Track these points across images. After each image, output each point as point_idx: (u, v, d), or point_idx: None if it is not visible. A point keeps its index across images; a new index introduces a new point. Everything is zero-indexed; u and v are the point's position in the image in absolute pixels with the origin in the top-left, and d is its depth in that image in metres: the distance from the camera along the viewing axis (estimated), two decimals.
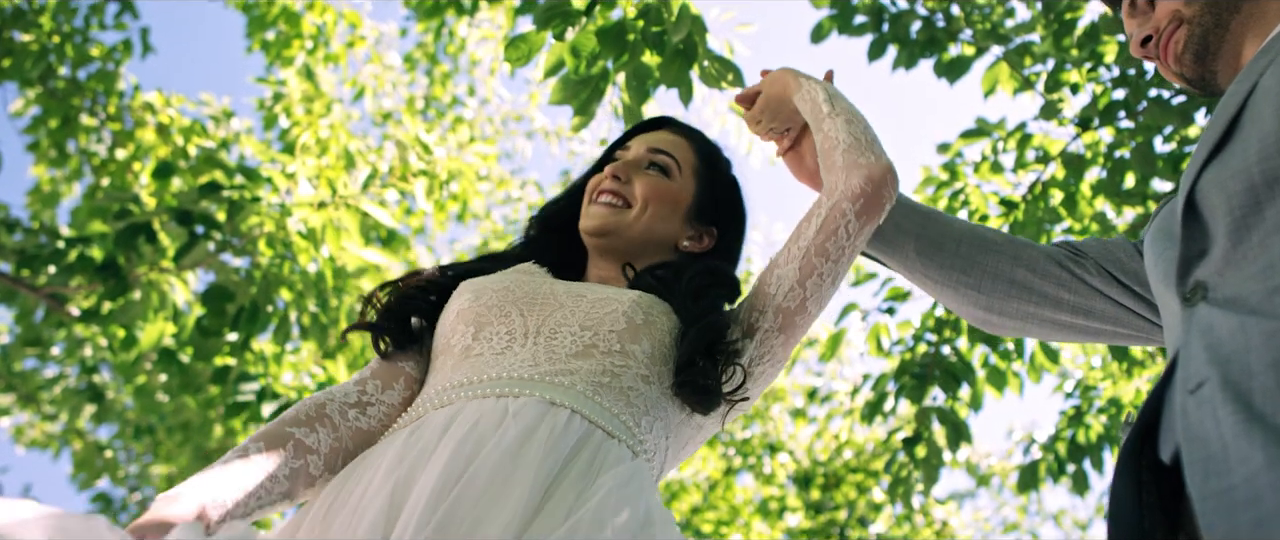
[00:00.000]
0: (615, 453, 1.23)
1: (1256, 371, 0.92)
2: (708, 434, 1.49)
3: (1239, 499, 0.87)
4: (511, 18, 6.21)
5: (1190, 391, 0.97)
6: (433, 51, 7.15)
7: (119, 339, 4.50)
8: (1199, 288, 1.05)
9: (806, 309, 1.42)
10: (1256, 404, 0.89)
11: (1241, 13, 1.27)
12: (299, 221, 3.82)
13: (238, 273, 4.00)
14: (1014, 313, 1.56)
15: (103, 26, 5.49)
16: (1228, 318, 0.98)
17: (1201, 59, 1.30)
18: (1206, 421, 0.93)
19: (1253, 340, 0.94)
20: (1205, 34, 1.29)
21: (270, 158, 4.45)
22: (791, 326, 1.43)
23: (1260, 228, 1.01)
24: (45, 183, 5.98)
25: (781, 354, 1.45)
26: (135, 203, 3.99)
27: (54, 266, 4.09)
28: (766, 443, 8.89)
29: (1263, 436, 0.87)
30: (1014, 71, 3.63)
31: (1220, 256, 1.05)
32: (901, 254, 1.61)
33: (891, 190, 1.47)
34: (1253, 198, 1.02)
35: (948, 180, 3.76)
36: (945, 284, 1.59)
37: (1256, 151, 1.03)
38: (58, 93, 5.37)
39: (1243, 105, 1.10)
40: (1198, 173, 1.10)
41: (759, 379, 1.45)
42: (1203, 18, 1.29)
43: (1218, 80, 1.32)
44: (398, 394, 1.42)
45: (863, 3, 3.75)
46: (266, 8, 5.81)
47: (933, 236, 1.59)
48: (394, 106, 7.20)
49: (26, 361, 6.62)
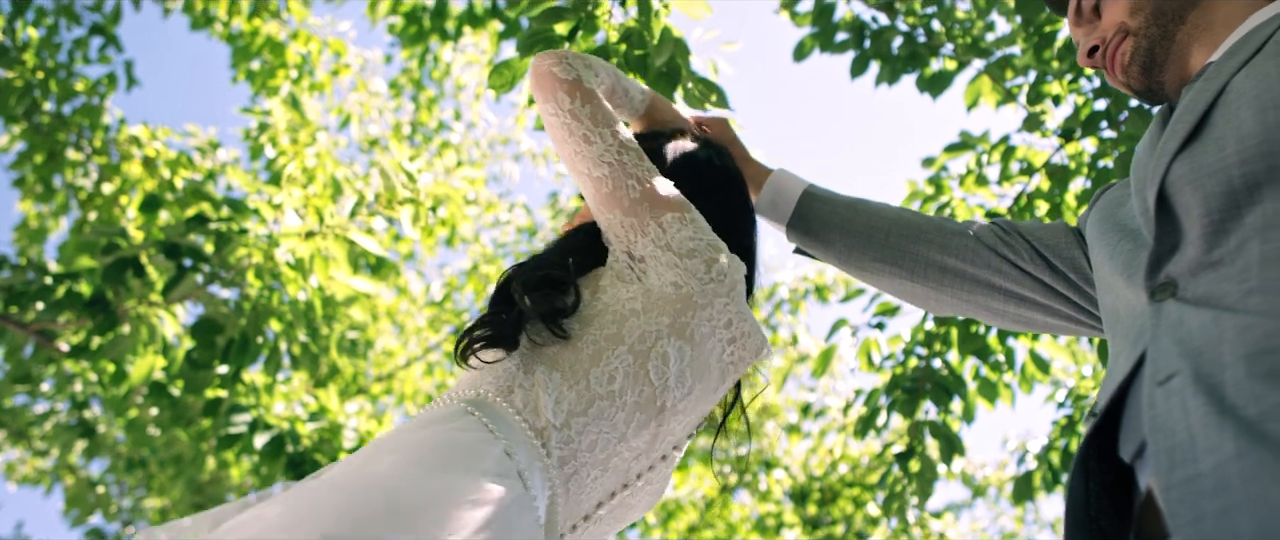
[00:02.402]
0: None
1: (1228, 363, 0.92)
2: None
3: (1205, 488, 0.87)
4: (495, 42, 6.23)
5: (1159, 383, 0.97)
6: (418, 77, 7.16)
7: (109, 374, 4.47)
8: (1169, 284, 1.05)
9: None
10: (1228, 396, 0.90)
11: (1187, 23, 1.27)
12: (287, 252, 3.82)
13: (227, 305, 3.98)
14: (950, 298, 1.56)
15: (87, 60, 5.49)
16: (1199, 313, 0.98)
17: (1148, 70, 1.31)
18: (1174, 412, 0.93)
19: (1225, 333, 0.94)
20: (1151, 46, 1.29)
21: (257, 189, 4.44)
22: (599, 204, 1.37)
23: (1238, 232, 1.01)
24: (32, 218, 5.97)
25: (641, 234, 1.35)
26: (122, 237, 3.98)
27: (42, 303, 4.07)
28: (762, 459, 8.89)
29: (1234, 427, 0.87)
30: (996, 85, 3.65)
31: (1194, 256, 1.04)
32: (830, 247, 1.62)
33: (542, 66, 1.43)
34: (1232, 201, 1.02)
35: (933, 194, 3.77)
36: (879, 274, 1.60)
37: (1235, 154, 1.03)
38: (43, 128, 5.37)
39: (1212, 104, 1.10)
40: (1166, 169, 1.10)
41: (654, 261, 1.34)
42: (1149, 29, 1.29)
43: (1165, 91, 1.32)
44: None
45: (844, 20, 3.77)
46: (251, 38, 5.82)
47: (860, 228, 1.59)
48: (381, 133, 7.20)
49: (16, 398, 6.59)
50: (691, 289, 1.29)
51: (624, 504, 1.29)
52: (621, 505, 1.29)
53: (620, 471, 1.24)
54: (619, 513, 1.29)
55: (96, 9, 5.48)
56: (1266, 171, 1.00)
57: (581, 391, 1.20)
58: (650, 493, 1.32)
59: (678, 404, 1.25)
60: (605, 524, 1.28)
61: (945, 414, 3.76)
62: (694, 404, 1.28)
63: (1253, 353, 0.91)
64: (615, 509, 1.28)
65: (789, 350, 8.71)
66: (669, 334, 1.25)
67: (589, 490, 1.21)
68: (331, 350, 4.34)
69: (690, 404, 1.28)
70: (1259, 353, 0.90)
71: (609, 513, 1.27)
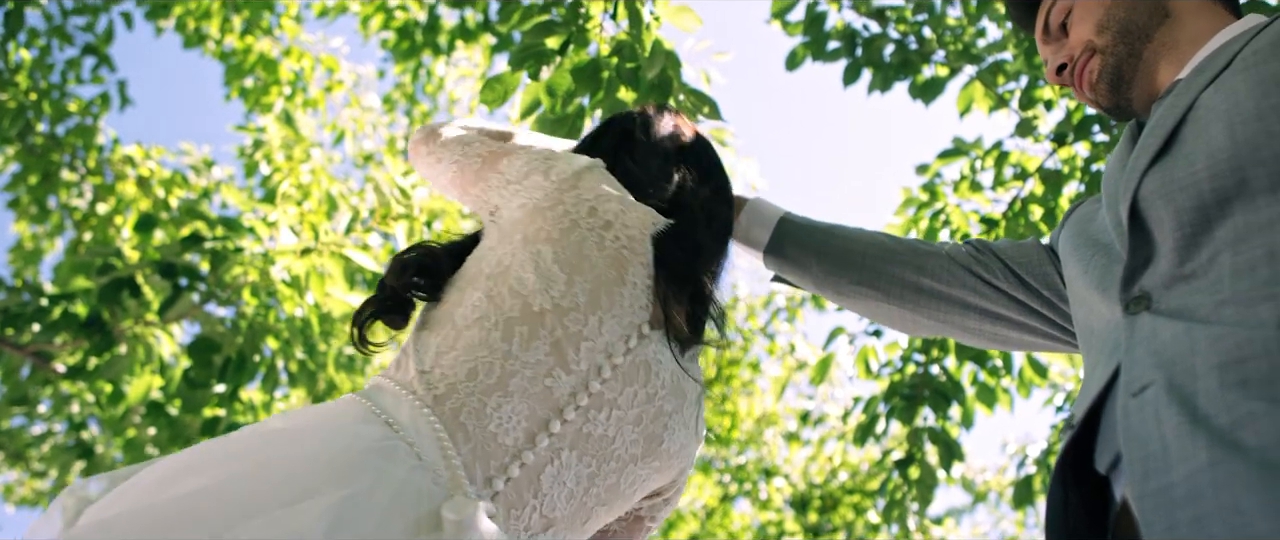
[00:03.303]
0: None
1: (1201, 373, 0.93)
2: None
3: (1178, 497, 0.88)
4: (488, 56, 6.24)
5: (1133, 394, 0.98)
6: (411, 92, 7.16)
7: (106, 394, 4.47)
8: (1143, 297, 1.06)
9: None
10: (1201, 406, 0.91)
11: (1154, 41, 1.29)
12: (283, 269, 3.82)
13: (223, 323, 3.98)
14: (927, 318, 1.57)
15: (80, 81, 5.50)
16: (1172, 325, 1.00)
17: (1116, 88, 1.32)
18: (1148, 423, 0.94)
19: (1198, 344, 0.95)
20: (1119, 63, 1.31)
21: (251, 207, 4.44)
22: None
23: (1209, 244, 1.03)
24: (27, 240, 5.96)
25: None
26: (118, 257, 3.98)
27: (38, 324, 4.07)
28: (762, 468, 8.88)
29: (1207, 437, 0.88)
30: (988, 90, 3.66)
31: (1167, 269, 1.06)
32: (807, 272, 1.61)
33: (410, 148, 1.49)
34: (1203, 215, 1.04)
35: (928, 201, 3.78)
36: (856, 297, 1.60)
37: (1206, 168, 1.05)
38: (37, 149, 5.37)
39: (1182, 119, 1.11)
40: (1139, 182, 1.11)
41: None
42: (1116, 47, 1.30)
43: (1132, 107, 1.33)
44: None
45: (836, 28, 3.78)
46: (243, 56, 5.83)
47: (836, 251, 1.59)
48: (375, 148, 7.21)
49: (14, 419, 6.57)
50: (535, 199, 1.29)
51: (585, 436, 1.17)
52: (583, 437, 1.17)
53: (536, 394, 1.15)
54: (589, 448, 1.17)
55: (89, 29, 5.48)
56: (1236, 185, 1.02)
57: (447, 333, 1.18)
58: (622, 421, 1.20)
59: (560, 302, 1.18)
60: (576, 460, 1.16)
61: (944, 420, 3.76)
62: (588, 299, 1.20)
63: (1225, 363, 0.92)
64: (577, 443, 1.16)
65: (787, 358, 8.71)
66: (522, 247, 1.23)
67: (498, 419, 1.12)
68: (329, 367, 4.33)
69: (581, 300, 1.20)
70: (1231, 363, 0.92)
71: (568, 446, 1.16)
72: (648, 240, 1.28)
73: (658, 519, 1.37)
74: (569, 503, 1.16)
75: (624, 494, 1.23)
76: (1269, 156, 1.01)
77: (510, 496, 1.12)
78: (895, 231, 3.82)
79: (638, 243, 1.27)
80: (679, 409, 1.26)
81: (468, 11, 5.04)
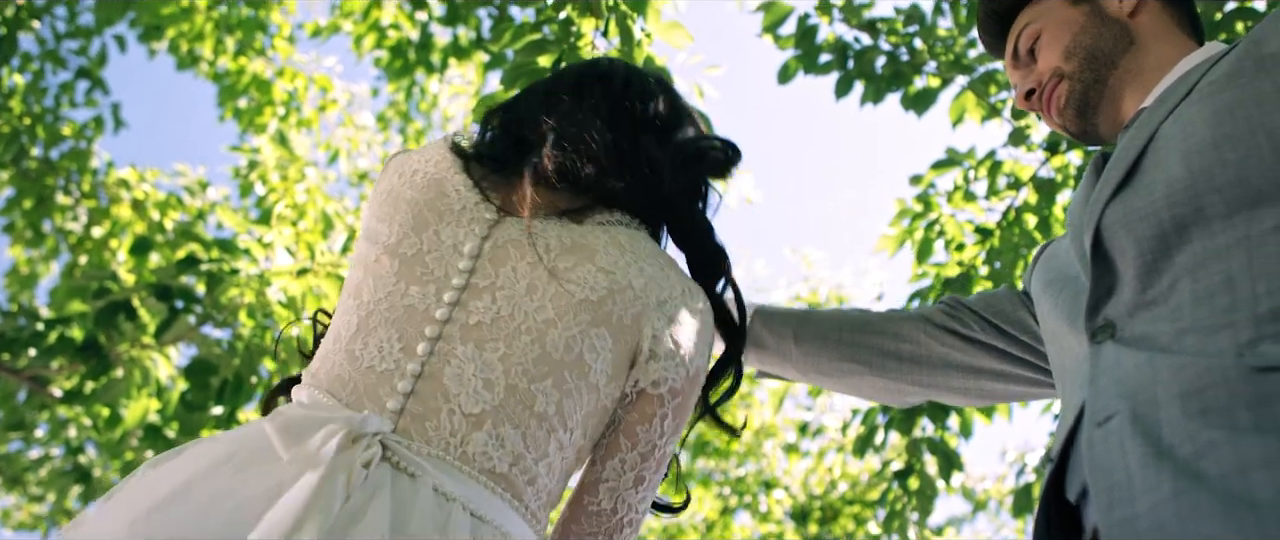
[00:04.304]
0: None
1: (1163, 403, 0.95)
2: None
3: (1142, 527, 0.89)
4: (481, 73, 6.26)
5: (1098, 424, 1.00)
6: (405, 110, 7.17)
7: (103, 418, 4.46)
8: (1107, 326, 1.08)
9: None
10: (1165, 436, 0.92)
11: (1119, 68, 1.33)
12: (279, 290, 3.82)
13: (220, 345, 3.98)
14: (911, 385, 1.57)
15: (73, 104, 5.50)
16: (1135, 354, 1.01)
17: (1082, 113, 1.35)
18: (1113, 453, 0.96)
19: (1160, 374, 0.97)
20: (1085, 89, 1.34)
21: (247, 228, 4.45)
22: None
23: (1170, 271, 1.05)
24: (22, 264, 5.96)
25: None
26: (113, 280, 3.98)
27: (34, 348, 4.07)
28: (762, 480, 8.87)
29: (1171, 468, 0.90)
30: (980, 100, 3.68)
31: (1130, 297, 1.08)
32: (788, 359, 1.60)
33: None
34: (1162, 243, 1.06)
35: (922, 211, 3.79)
36: (841, 376, 1.59)
37: (1164, 197, 1.07)
38: (31, 173, 5.37)
39: (1143, 151, 1.14)
40: (1101, 212, 1.14)
41: None
42: (1083, 73, 1.34)
43: (1099, 133, 1.36)
44: None
45: (827, 41, 3.79)
46: (237, 76, 5.84)
47: (813, 334, 1.58)
48: (370, 166, 7.22)
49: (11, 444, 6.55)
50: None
51: (475, 326, 1.15)
52: (473, 328, 1.15)
53: (398, 317, 1.16)
54: (486, 334, 1.14)
55: (82, 52, 5.49)
56: (1193, 213, 1.04)
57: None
58: (513, 296, 1.17)
59: (388, 242, 1.22)
60: (475, 351, 1.14)
61: (943, 430, 3.76)
62: (414, 223, 1.22)
63: (1186, 392, 0.93)
64: (469, 335, 1.14)
65: None
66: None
67: (367, 355, 1.14)
68: None
69: (407, 228, 1.22)
70: (1192, 392, 0.93)
71: (459, 341, 1.14)
72: (448, 156, 1.29)
73: (665, 389, 1.22)
74: (490, 390, 1.12)
75: (566, 361, 1.16)
76: (1223, 183, 1.04)
77: (415, 409, 1.10)
78: (890, 244, 3.82)
79: (443, 162, 1.28)
80: (583, 260, 1.21)
81: (460, 29, 5.05)
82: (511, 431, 1.11)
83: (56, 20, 5.39)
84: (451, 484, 1.06)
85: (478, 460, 1.09)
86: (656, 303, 1.23)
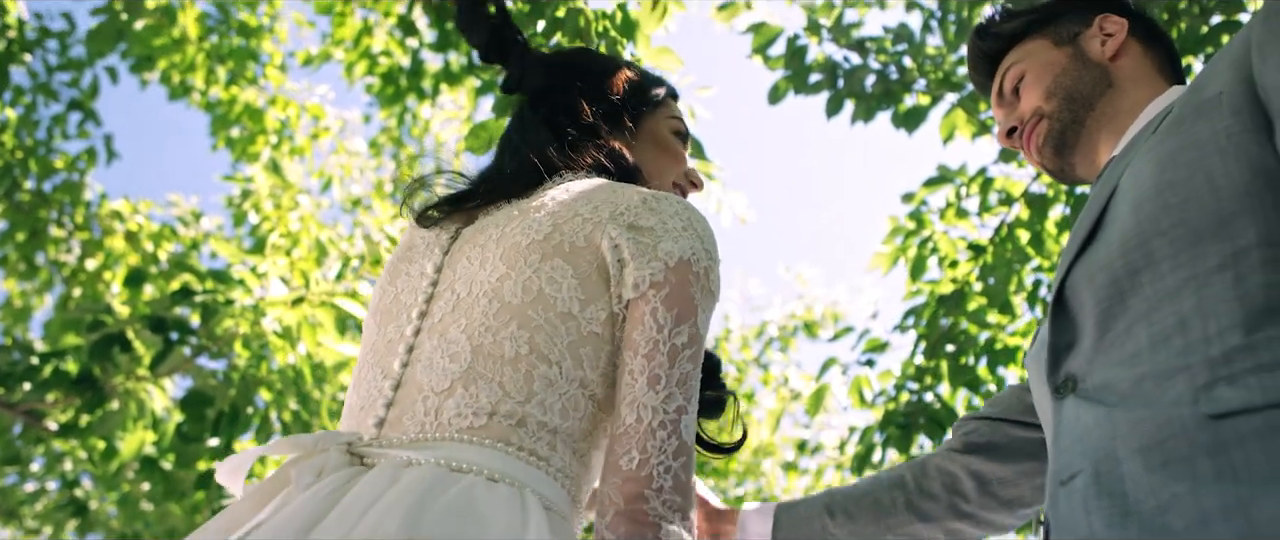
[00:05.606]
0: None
1: (1124, 458, 0.96)
2: None
3: None
4: (473, 98, 6.27)
5: (1062, 482, 1.02)
6: (397, 136, 7.19)
7: (99, 451, 4.45)
8: (1069, 380, 1.10)
9: None
10: (1130, 493, 0.94)
11: (1096, 110, 1.37)
12: (274, 320, 3.81)
13: (215, 376, 3.97)
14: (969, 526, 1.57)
15: (66, 136, 5.51)
16: (1094, 409, 1.03)
17: (1059, 152, 1.40)
18: (1076, 512, 0.98)
19: (1119, 429, 0.99)
20: (1063, 129, 1.39)
21: (241, 258, 4.45)
22: None
23: (1125, 316, 1.06)
24: (16, 297, 5.95)
25: None
26: (108, 313, 3.97)
27: (29, 382, 4.05)
28: (761, 498, 8.85)
29: (1137, 526, 0.91)
30: (970, 117, 3.69)
31: (1089, 347, 1.10)
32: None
33: None
34: (1117, 290, 1.08)
35: (915, 229, 3.80)
36: (901, 532, 1.58)
37: (1118, 247, 1.09)
38: (24, 206, 5.37)
39: (1104, 207, 1.16)
40: (1067, 271, 1.16)
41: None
42: (1061, 114, 1.39)
43: (1076, 171, 1.41)
44: None
45: (817, 61, 3.81)
46: (229, 106, 5.84)
47: (841, 509, 1.58)
48: (363, 192, 7.22)
49: (7, 478, 6.53)
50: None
51: (438, 323, 1.19)
52: (436, 326, 1.19)
53: (381, 349, 1.22)
54: (447, 323, 1.18)
55: (74, 84, 5.50)
56: (1144, 258, 1.06)
57: None
58: (471, 279, 1.20)
59: (375, 305, 1.31)
60: (441, 340, 1.18)
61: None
62: (388, 277, 1.32)
63: (1146, 446, 0.95)
64: (433, 332, 1.18)
65: (782, 389, 8.70)
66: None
67: (357, 392, 1.23)
68: (322, 416, 4.31)
69: (385, 282, 1.32)
70: (1152, 445, 0.94)
71: (425, 340, 1.19)
72: (412, 218, 1.39)
73: (646, 286, 1.17)
74: (456, 362, 1.13)
75: (526, 301, 1.16)
76: (1168, 226, 1.05)
77: (394, 415, 1.14)
78: (884, 261, 3.83)
79: (410, 227, 1.38)
80: (529, 214, 1.23)
81: (451, 56, 5.07)
82: (484, 386, 1.12)
83: (48, 53, 5.40)
84: (422, 454, 1.08)
85: (452, 424, 1.10)
86: (611, 216, 1.20)
